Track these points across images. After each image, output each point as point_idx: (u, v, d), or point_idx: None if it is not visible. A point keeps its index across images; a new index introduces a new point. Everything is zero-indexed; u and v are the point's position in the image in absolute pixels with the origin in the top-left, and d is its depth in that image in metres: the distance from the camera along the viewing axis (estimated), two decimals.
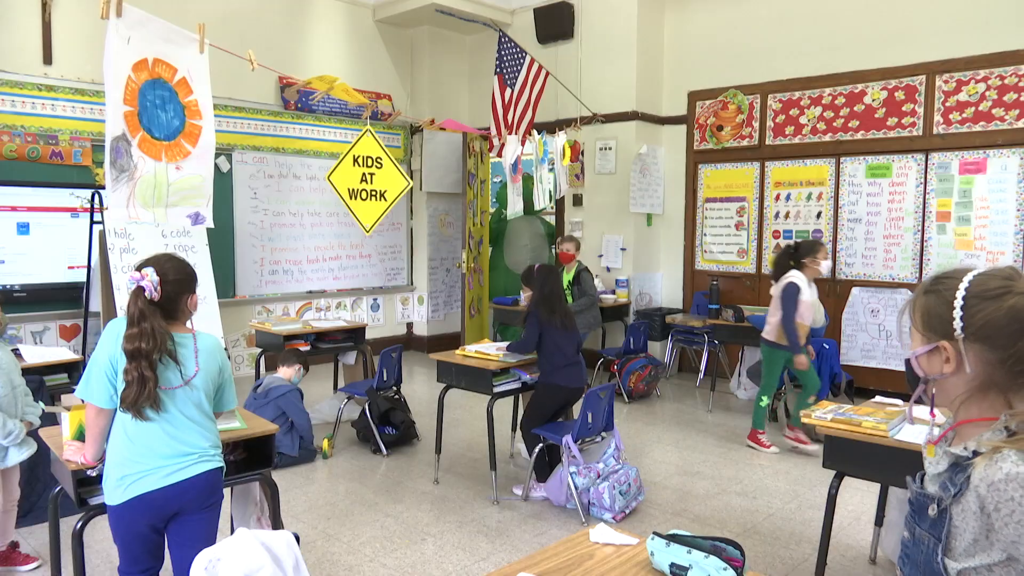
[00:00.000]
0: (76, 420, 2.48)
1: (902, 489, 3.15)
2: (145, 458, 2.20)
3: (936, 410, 1.29)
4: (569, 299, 5.93)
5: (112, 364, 2.19)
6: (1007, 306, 1.17)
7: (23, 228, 5.66)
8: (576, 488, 3.88)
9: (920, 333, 1.27)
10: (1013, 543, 1.11)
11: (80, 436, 2.48)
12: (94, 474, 2.41)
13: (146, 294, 2.17)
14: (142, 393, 2.13)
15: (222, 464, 2.36)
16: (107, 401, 2.22)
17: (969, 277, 1.21)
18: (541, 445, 4.11)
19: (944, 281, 1.25)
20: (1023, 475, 1.09)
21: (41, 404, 3.38)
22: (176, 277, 2.24)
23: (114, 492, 2.20)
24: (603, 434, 4.12)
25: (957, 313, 1.20)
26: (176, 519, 2.26)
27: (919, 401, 1.28)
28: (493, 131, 6.65)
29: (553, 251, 8.06)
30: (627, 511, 3.90)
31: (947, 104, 5.86)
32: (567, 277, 6.24)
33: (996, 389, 1.19)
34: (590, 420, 3.94)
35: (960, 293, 1.21)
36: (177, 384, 2.22)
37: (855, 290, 6.37)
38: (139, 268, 2.20)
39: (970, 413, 1.22)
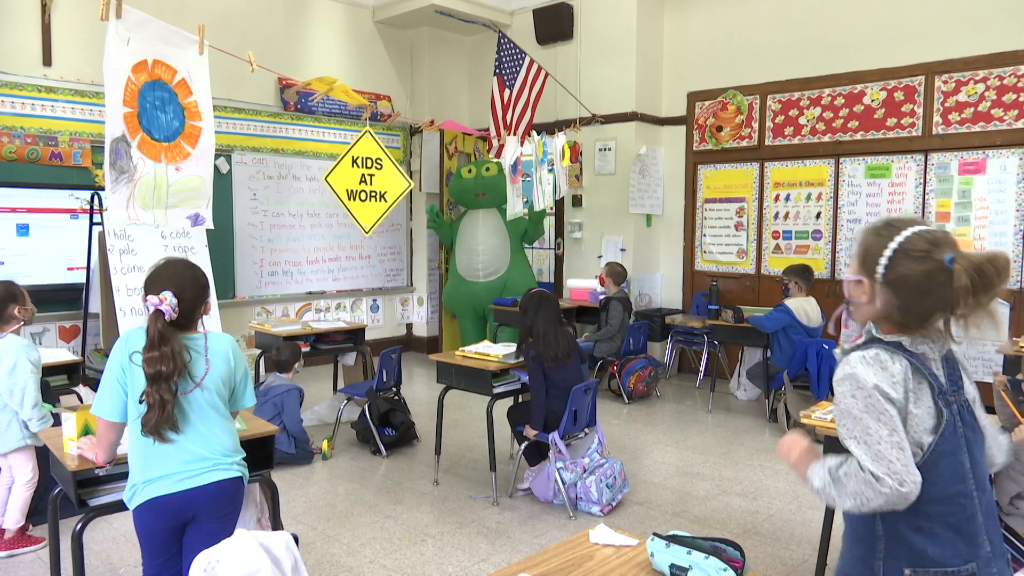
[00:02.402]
0: (82, 420, 2.47)
1: None
2: (158, 465, 2.19)
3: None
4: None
5: (124, 371, 2.18)
6: (921, 269, 1.42)
7: (23, 229, 5.66)
8: (564, 483, 3.94)
9: (856, 264, 1.53)
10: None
11: (87, 434, 2.48)
12: (103, 473, 2.41)
13: (165, 317, 2.15)
14: (162, 416, 2.12)
15: (239, 473, 2.31)
16: (118, 415, 2.21)
17: (906, 233, 1.45)
18: (528, 441, 4.16)
19: (889, 228, 1.48)
20: (845, 373, 1.46)
21: (48, 405, 3.43)
22: (192, 294, 2.23)
23: (131, 498, 2.22)
24: (586, 430, 4.18)
25: (883, 261, 1.46)
26: (192, 524, 2.26)
27: (838, 323, 1.63)
28: (492, 132, 6.66)
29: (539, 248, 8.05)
30: (614, 503, 3.98)
31: (946, 104, 5.86)
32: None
33: (891, 323, 1.49)
34: (575, 417, 4.00)
35: (892, 245, 1.45)
36: (189, 388, 2.21)
37: None
38: (157, 290, 2.17)
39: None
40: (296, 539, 1.89)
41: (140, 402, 2.15)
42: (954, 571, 1.43)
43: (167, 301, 2.15)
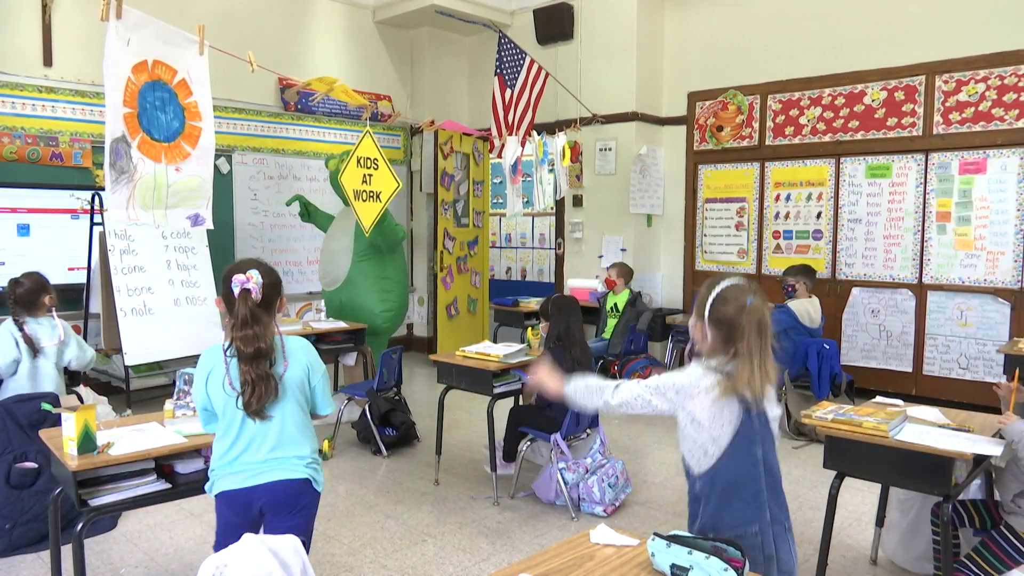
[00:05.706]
0: (82, 420, 2.47)
1: (903, 490, 3.14)
2: (235, 459, 2.23)
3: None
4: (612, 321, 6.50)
5: (208, 397, 2.26)
6: (728, 311, 1.89)
7: (23, 230, 5.66)
8: (566, 484, 3.94)
9: (694, 310, 1.99)
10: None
11: (86, 437, 2.47)
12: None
13: (253, 296, 2.19)
14: (268, 391, 2.16)
15: (306, 475, 2.29)
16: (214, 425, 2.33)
17: (721, 285, 1.92)
18: (528, 444, 4.16)
19: (713, 284, 1.94)
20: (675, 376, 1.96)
21: (48, 404, 3.43)
22: (271, 280, 2.28)
23: (211, 486, 2.29)
24: (588, 430, 4.18)
25: (707, 307, 1.92)
26: (266, 518, 2.29)
27: (691, 352, 2.03)
28: (493, 132, 6.66)
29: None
30: (616, 503, 3.98)
31: (947, 104, 5.86)
32: (619, 300, 6.54)
33: (720, 353, 1.92)
34: (578, 418, 4.00)
35: (713, 295, 1.92)
36: None
37: (855, 290, 6.37)
38: (242, 270, 2.22)
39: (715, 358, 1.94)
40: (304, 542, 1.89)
41: (238, 394, 2.18)
42: (742, 532, 1.87)
43: (253, 279, 2.20)
